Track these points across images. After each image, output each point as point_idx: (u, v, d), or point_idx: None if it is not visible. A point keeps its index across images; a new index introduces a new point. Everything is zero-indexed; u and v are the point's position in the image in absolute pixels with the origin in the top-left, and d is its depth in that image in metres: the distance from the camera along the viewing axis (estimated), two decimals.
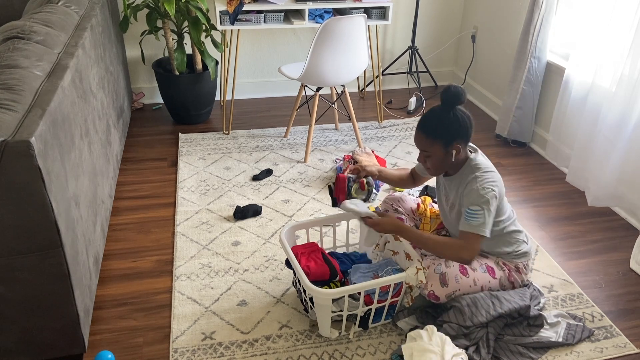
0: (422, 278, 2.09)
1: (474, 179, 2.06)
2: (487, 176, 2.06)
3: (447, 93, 2.02)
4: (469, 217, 2.04)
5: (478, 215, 2.02)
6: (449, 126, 2.03)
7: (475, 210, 2.03)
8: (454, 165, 2.13)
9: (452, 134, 2.03)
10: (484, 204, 2.02)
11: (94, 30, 2.71)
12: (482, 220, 2.02)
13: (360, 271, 2.22)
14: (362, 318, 2.18)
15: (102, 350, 2.06)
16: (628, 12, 2.79)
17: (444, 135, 2.04)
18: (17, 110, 1.69)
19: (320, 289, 2.00)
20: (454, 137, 2.04)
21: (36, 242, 1.70)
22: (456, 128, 2.03)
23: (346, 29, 3.07)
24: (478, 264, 2.18)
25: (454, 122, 2.03)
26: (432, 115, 2.06)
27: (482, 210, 2.02)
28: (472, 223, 2.04)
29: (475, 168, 2.09)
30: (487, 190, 2.03)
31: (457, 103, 2.03)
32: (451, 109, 2.03)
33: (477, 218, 2.03)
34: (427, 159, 2.11)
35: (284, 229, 2.28)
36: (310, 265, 2.17)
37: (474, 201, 2.04)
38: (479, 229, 2.03)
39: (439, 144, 2.05)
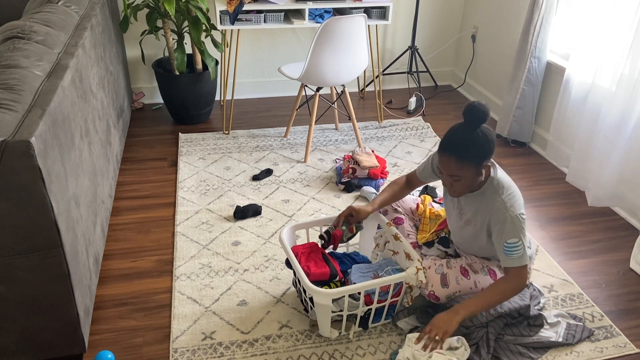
0: (422, 278, 2.09)
1: (502, 206, 1.97)
2: (515, 200, 1.99)
3: (472, 110, 1.88)
4: (511, 251, 1.97)
5: (518, 248, 1.97)
6: (480, 147, 1.90)
7: (514, 243, 1.96)
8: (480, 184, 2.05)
9: (483, 155, 1.91)
10: (520, 233, 1.97)
11: (94, 30, 2.71)
12: (523, 251, 1.97)
13: (360, 271, 2.22)
14: (362, 318, 2.18)
15: (102, 350, 2.06)
16: (628, 12, 2.79)
17: (476, 158, 1.91)
18: (17, 110, 1.68)
19: (320, 289, 2.00)
20: (485, 158, 1.92)
21: (36, 242, 1.70)
22: (487, 148, 1.91)
23: (346, 29, 3.07)
24: (480, 267, 2.18)
25: (484, 142, 1.90)
26: (460, 137, 1.91)
27: (520, 240, 1.97)
28: (514, 257, 1.98)
29: (499, 188, 2.00)
30: (519, 218, 1.97)
31: (483, 122, 1.90)
32: (477, 127, 1.90)
33: (518, 250, 1.97)
34: (456, 182, 1.98)
35: (284, 229, 2.28)
36: (310, 265, 2.17)
37: (510, 234, 1.96)
38: (522, 260, 1.98)
39: (471, 167, 1.92)
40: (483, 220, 2.06)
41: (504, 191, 2.00)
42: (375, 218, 2.39)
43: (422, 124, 3.96)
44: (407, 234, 2.43)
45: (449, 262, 2.19)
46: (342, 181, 3.13)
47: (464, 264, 2.18)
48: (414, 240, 2.44)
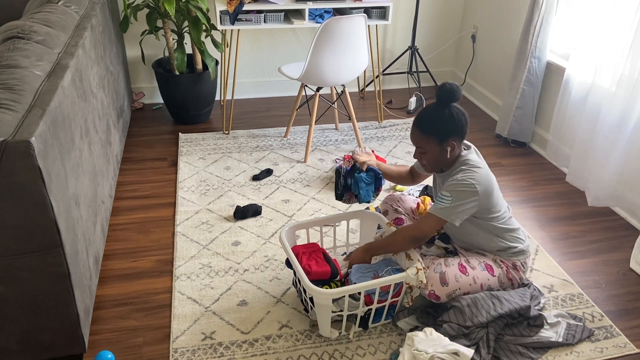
0: (422, 278, 2.09)
1: (459, 172, 2.09)
2: (472, 170, 2.08)
3: (442, 90, 2.04)
4: (438, 201, 2.08)
5: (445, 201, 2.05)
6: (444, 123, 2.05)
7: (445, 196, 2.06)
8: (448, 162, 2.15)
9: (446, 131, 2.05)
10: (455, 192, 2.05)
11: (94, 30, 2.71)
12: (447, 205, 2.04)
13: (361, 271, 2.22)
14: (362, 318, 2.18)
15: (102, 350, 2.06)
16: (628, 12, 2.79)
17: (439, 132, 2.06)
18: (17, 110, 1.68)
19: (321, 289, 2.00)
20: (449, 134, 2.06)
21: (36, 242, 1.70)
22: (451, 125, 2.05)
23: (346, 29, 3.07)
24: (477, 262, 2.19)
25: (448, 119, 2.05)
26: (428, 112, 2.09)
27: (451, 197, 2.04)
28: (436, 205, 2.07)
29: (464, 163, 2.12)
30: (465, 182, 2.04)
31: (453, 100, 2.05)
32: (446, 106, 2.05)
33: (444, 203, 2.05)
34: (423, 155, 2.14)
35: (284, 228, 2.28)
36: (311, 264, 2.17)
37: (447, 188, 2.07)
38: (439, 211, 2.05)
39: (433, 140, 2.07)
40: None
41: (466, 165, 2.10)
42: (376, 218, 2.40)
43: None
44: None
45: (446, 261, 2.20)
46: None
47: (461, 261, 2.19)
48: None
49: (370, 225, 2.44)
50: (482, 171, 2.09)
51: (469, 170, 2.07)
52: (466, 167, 2.09)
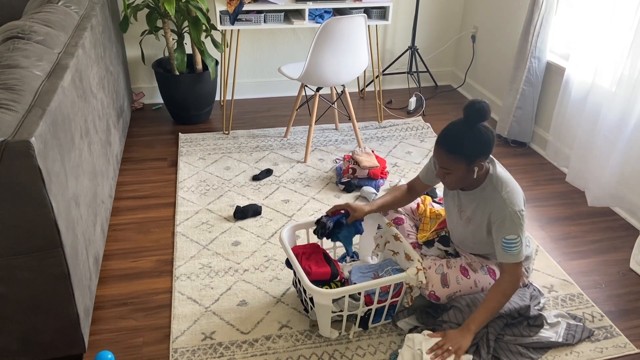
0: (422, 278, 2.09)
1: (502, 202, 1.98)
2: (514, 196, 1.99)
3: (471, 109, 1.89)
4: (509, 247, 1.98)
5: (516, 244, 1.97)
6: (473, 144, 1.92)
7: (512, 240, 1.97)
8: (474, 181, 2.05)
9: (475, 152, 1.93)
10: (519, 230, 1.97)
11: (94, 30, 2.71)
12: (520, 248, 1.98)
13: (361, 271, 2.22)
14: (362, 318, 2.18)
15: (102, 350, 2.06)
16: (628, 12, 2.79)
17: (468, 154, 1.92)
18: (17, 110, 1.68)
19: (321, 289, 2.00)
20: (478, 155, 1.94)
21: (36, 242, 1.70)
22: (480, 146, 1.93)
23: (346, 29, 3.07)
24: (479, 266, 2.18)
25: (478, 140, 1.92)
26: (455, 131, 1.94)
27: (518, 237, 1.97)
28: (512, 253, 1.99)
29: (498, 185, 2.01)
30: (519, 215, 1.97)
31: (482, 120, 1.91)
32: (475, 125, 1.92)
33: (516, 247, 1.98)
34: (447, 175, 2.00)
35: (284, 228, 2.28)
36: (311, 264, 2.17)
37: (509, 230, 1.97)
38: (519, 256, 1.99)
39: (461, 162, 1.94)
40: (482, 216, 2.06)
41: (504, 187, 2.00)
42: (376, 218, 2.40)
43: (422, 124, 3.96)
44: (407, 234, 2.43)
45: (448, 262, 2.19)
46: (342, 181, 3.13)
47: (463, 263, 2.19)
48: (414, 240, 2.44)
49: (371, 224, 2.44)
50: (517, 188, 2.02)
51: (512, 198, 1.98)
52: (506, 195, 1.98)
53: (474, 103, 1.90)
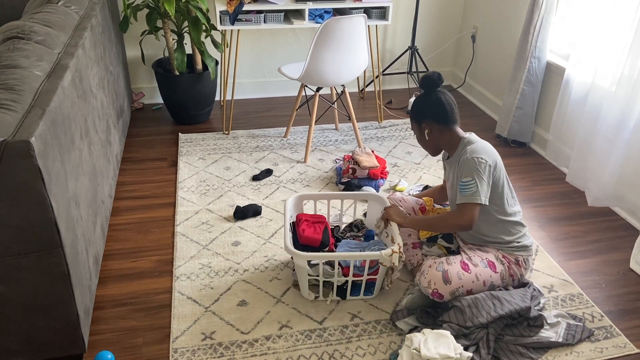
0: (395, 260, 2.17)
1: (464, 153, 2.17)
2: (476, 147, 2.15)
3: (423, 80, 2.23)
4: (462, 188, 2.14)
5: (470, 185, 2.11)
6: (420, 107, 2.24)
7: (467, 182, 2.12)
8: (446, 147, 2.27)
9: (421, 114, 2.24)
10: (474, 173, 2.10)
11: (94, 30, 2.71)
12: (475, 189, 2.10)
13: (348, 246, 2.40)
14: (340, 289, 2.34)
15: (102, 350, 2.06)
16: (628, 12, 2.79)
17: (415, 115, 2.27)
18: (17, 110, 1.68)
19: (297, 251, 2.18)
20: (424, 117, 2.23)
21: (36, 242, 1.70)
22: (425, 108, 2.22)
23: (346, 29, 3.07)
24: (479, 260, 2.19)
25: (424, 103, 2.23)
26: (416, 98, 2.30)
27: (473, 179, 2.10)
28: (465, 194, 2.12)
29: (466, 144, 2.20)
30: (476, 160, 2.11)
31: (432, 86, 2.20)
32: (429, 92, 2.22)
33: (470, 188, 2.11)
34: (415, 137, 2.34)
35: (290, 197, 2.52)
36: (306, 229, 2.37)
37: (465, 173, 2.13)
38: (472, 197, 2.10)
39: (414, 123, 2.29)
40: (455, 176, 2.22)
41: (469, 145, 2.19)
42: (381, 201, 2.52)
43: None
44: (409, 233, 2.45)
45: (448, 259, 2.20)
46: (342, 181, 3.13)
47: (463, 258, 2.20)
48: (416, 240, 2.45)
49: (377, 207, 2.57)
50: (487, 146, 2.19)
51: (474, 148, 2.15)
52: (469, 147, 2.17)
53: (426, 74, 2.23)
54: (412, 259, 2.43)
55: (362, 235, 2.56)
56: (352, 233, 2.57)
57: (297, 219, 2.47)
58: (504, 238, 2.23)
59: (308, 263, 2.23)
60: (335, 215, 2.81)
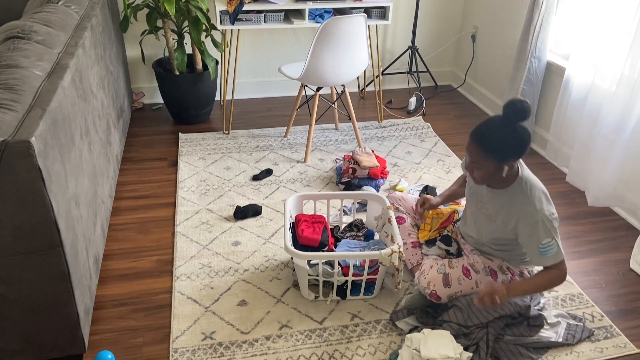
0: (394, 260, 2.16)
1: (532, 209, 1.97)
2: (544, 201, 1.99)
3: (512, 108, 1.87)
4: (546, 251, 1.97)
5: (552, 247, 1.97)
6: (508, 144, 1.90)
7: (548, 243, 1.96)
8: (502, 180, 2.03)
9: (508, 152, 1.92)
10: (553, 233, 1.97)
11: (94, 30, 2.71)
12: (557, 249, 1.98)
13: (348, 245, 2.40)
14: (340, 288, 2.33)
15: (102, 350, 2.06)
16: (628, 13, 2.79)
17: (500, 152, 1.91)
18: (17, 110, 1.68)
19: (297, 251, 2.18)
20: (510, 155, 1.92)
21: (36, 242, 1.70)
22: (514, 146, 1.91)
23: (346, 29, 3.07)
24: (481, 267, 2.18)
25: (513, 140, 1.90)
26: (491, 129, 1.93)
27: (553, 239, 1.97)
28: (549, 256, 1.98)
29: (526, 189, 2.00)
30: (551, 219, 1.97)
31: (522, 120, 1.89)
32: (512, 124, 1.90)
33: (552, 249, 1.97)
34: (476, 170, 1.99)
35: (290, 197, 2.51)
36: (305, 229, 2.38)
37: (544, 235, 1.96)
38: (557, 256, 1.99)
39: (492, 159, 1.93)
40: (509, 218, 2.05)
41: (533, 192, 1.99)
42: (380, 201, 2.52)
43: (422, 124, 3.96)
44: (409, 233, 2.45)
45: (450, 262, 2.20)
46: (342, 181, 3.13)
47: (465, 264, 2.19)
48: (415, 240, 2.44)
49: (376, 206, 2.58)
50: (545, 192, 2.02)
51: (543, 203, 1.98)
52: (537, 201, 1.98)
53: (515, 102, 1.87)
54: (411, 259, 2.43)
55: (362, 235, 2.56)
56: (352, 233, 2.57)
57: (297, 219, 2.47)
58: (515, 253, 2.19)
59: (308, 263, 2.23)
60: (335, 215, 2.82)
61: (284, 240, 2.28)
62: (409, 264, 2.44)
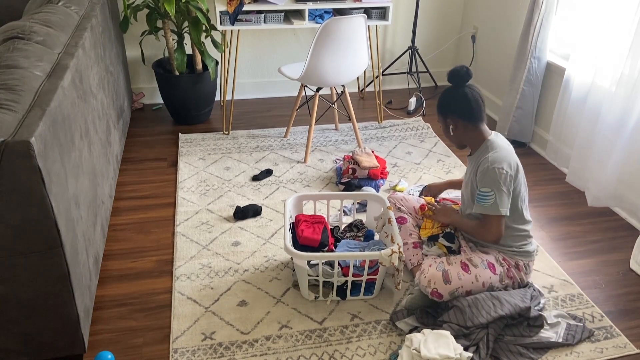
0: (394, 260, 2.17)
1: (485, 159, 2.13)
2: (499, 157, 2.11)
3: (450, 72, 2.18)
4: (481, 199, 2.12)
5: (488, 196, 2.09)
6: (446, 101, 2.20)
7: (486, 192, 2.10)
8: (469, 144, 2.24)
9: (447, 109, 2.20)
10: (493, 184, 2.08)
11: (94, 31, 2.71)
12: (492, 201, 2.08)
13: (348, 246, 2.41)
14: (340, 289, 2.33)
15: (102, 350, 2.06)
16: (628, 12, 2.79)
17: (441, 109, 2.23)
18: (17, 110, 1.69)
19: (297, 251, 2.18)
20: (448, 112, 2.20)
21: (36, 242, 1.70)
22: (450, 103, 2.18)
23: (346, 29, 3.07)
24: (479, 260, 2.19)
25: (451, 98, 2.18)
26: (442, 91, 2.25)
27: (492, 191, 2.08)
28: (482, 204, 2.11)
29: (489, 148, 2.17)
30: (496, 171, 2.08)
31: (458, 81, 2.15)
32: (456, 87, 2.17)
33: (488, 199, 2.09)
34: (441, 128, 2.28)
35: (290, 197, 2.52)
36: (305, 230, 2.38)
37: (484, 182, 2.11)
38: (490, 209, 2.09)
39: (440, 116, 2.25)
40: (472, 176, 2.20)
41: (492, 149, 2.16)
42: (380, 201, 2.53)
43: (422, 124, 3.96)
44: (410, 232, 2.45)
45: (449, 259, 2.20)
46: (342, 181, 3.13)
47: (463, 259, 2.20)
48: (417, 240, 2.45)
49: (376, 207, 2.58)
50: (506, 153, 2.14)
51: (495, 156, 2.12)
52: (492, 153, 2.13)
53: (454, 68, 2.18)
54: (412, 259, 2.43)
55: (362, 236, 2.56)
56: (352, 233, 2.57)
57: (296, 219, 2.47)
58: (509, 243, 2.23)
59: (308, 263, 2.23)
60: (335, 215, 2.82)
61: (284, 241, 2.28)
62: (409, 264, 2.45)
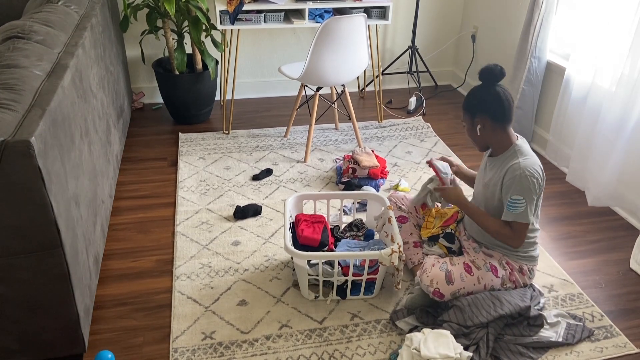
0: (394, 260, 2.17)
1: (517, 166, 2.07)
2: (529, 163, 2.07)
3: (483, 70, 2.10)
4: (511, 207, 2.08)
5: (520, 204, 2.06)
6: (476, 100, 2.12)
7: (517, 200, 2.06)
8: (494, 146, 2.17)
9: (476, 108, 2.11)
10: (526, 192, 2.05)
11: (94, 30, 2.71)
12: (523, 209, 2.06)
13: (348, 245, 2.41)
14: (340, 288, 2.33)
15: (102, 350, 2.06)
16: (628, 12, 2.79)
17: (470, 108, 2.14)
18: (17, 110, 1.68)
19: (297, 250, 2.18)
20: (478, 111, 2.11)
21: (36, 242, 1.70)
22: (482, 103, 2.10)
23: (346, 29, 3.07)
24: (482, 263, 2.19)
25: (482, 97, 2.10)
26: (471, 90, 2.17)
27: (524, 199, 2.05)
28: (513, 212, 2.07)
29: (517, 153, 2.12)
30: (530, 180, 2.05)
31: (491, 80, 2.08)
32: (487, 85, 2.10)
33: (519, 207, 2.06)
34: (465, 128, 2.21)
35: (290, 196, 2.51)
36: (305, 229, 2.38)
37: (516, 190, 2.06)
38: (520, 217, 2.07)
39: (466, 115, 2.17)
40: (498, 179, 2.15)
41: (522, 155, 2.11)
42: (380, 200, 2.53)
43: (422, 123, 3.96)
44: (410, 232, 2.45)
45: (452, 260, 2.20)
46: (342, 181, 3.13)
47: (467, 260, 2.20)
48: (417, 239, 2.45)
49: (376, 206, 2.58)
50: (536, 160, 2.11)
51: (527, 164, 2.06)
52: (522, 160, 2.08)
53: (488, 65, 2.09)
54: (412, 258, 2.43)
55: (362, 235, 2.56)
56: (352, 232, 2.57)
57: (296, 219, 2.47)
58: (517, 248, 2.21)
59: (308, 263, 2.23)
60: (335, 215, 2.82)
61: (284, 240, 2.28)
62: (410, 263, 2.45)
